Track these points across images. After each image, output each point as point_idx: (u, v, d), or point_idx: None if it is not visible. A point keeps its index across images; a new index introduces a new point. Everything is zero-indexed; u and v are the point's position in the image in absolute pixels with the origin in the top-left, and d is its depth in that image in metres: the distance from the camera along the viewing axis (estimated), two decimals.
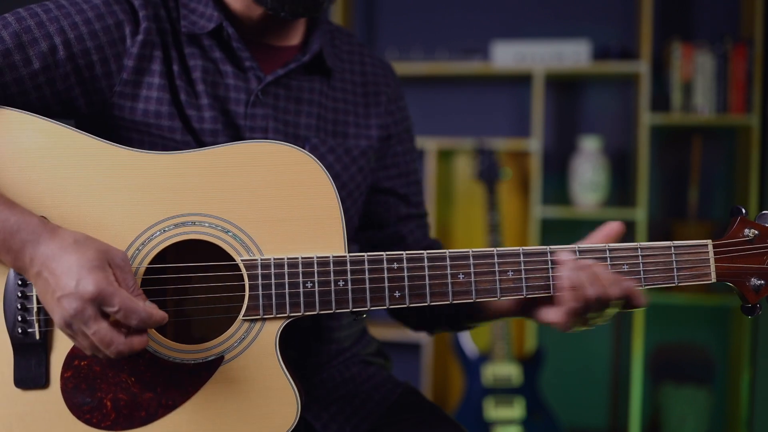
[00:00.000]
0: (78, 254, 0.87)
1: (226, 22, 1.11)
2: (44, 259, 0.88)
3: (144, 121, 1.08)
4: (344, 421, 1.17)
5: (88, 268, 0.86)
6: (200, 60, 1.11)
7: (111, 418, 0.96)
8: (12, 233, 0.89)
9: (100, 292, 0.85)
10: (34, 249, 0.88)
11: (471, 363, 2.85)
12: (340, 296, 0.98)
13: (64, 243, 0.88)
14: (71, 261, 0.86)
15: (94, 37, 1.05)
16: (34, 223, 0.90)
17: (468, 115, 3.43)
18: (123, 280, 0.89)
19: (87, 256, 0.87)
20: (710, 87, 3.00)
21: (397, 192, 1.30)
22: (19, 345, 0.95)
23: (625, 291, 0.98)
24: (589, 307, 0.98)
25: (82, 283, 0.85)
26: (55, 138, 0.97)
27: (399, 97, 1.32)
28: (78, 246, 0.88)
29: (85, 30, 1.04)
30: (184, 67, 1.11)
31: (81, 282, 0.85)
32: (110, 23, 1.06)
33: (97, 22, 1.05)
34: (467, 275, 1.00)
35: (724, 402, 3.21)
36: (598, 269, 0.98)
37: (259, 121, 1.13)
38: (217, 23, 1.10)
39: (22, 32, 1.01)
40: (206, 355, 0.97)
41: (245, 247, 0.98)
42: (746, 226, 1.03)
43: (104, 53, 1.06)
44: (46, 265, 0.88)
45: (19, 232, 0.89)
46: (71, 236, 0.89)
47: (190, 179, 0.98)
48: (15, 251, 0.89)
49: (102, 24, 1.06)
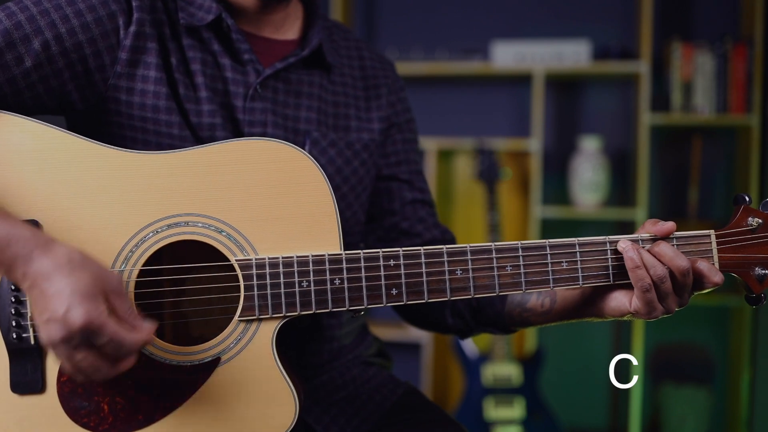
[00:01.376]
0: (71, 278, 0.83)
1: (225, 13, 1.10)
2: (36, 276, 0.83)
3: (141, 115, 1.06)
4: (345, 423, 1.17)
5: (81, 295, 0.82)
6: (199, 52, 1.10)
7: (108, 421, 0.95)
8: (2, 247, 0.85)
9: (88, 325, 0.81)
10: (26, 265, 0.84)
11: (471, 363, 2.84)
12: (337, 295, 0.98)
13: (57, 261, 0.84)
14: (63, 284, 0.82)
15: (86, 30, 1.03)
16: (26, 236, 0.86)
17: (468, 115, 3.43)
18: (117, 307, 0.85)
19: (81, 281, 0.83)
20: (710, 87, 3.00)
21: (398, 177, 1.28)
22: (14, 350, 0.94)
23: (693, 265, 0.98)
24: (660, 286, 0.97)
25: (72, 312, 0.81)
26: (45, 140, 0.96)
27: (399, 88, 1.31)
28: (72, 268, 0.84)
29: (77, 23, 1.02)
30: (183, 59, 1.09)
31: (71, 311, 0.81)
32: (102, 14, 1.04)
33: (88, 13, 1.03)
34: (465, 271, 1.00)
35: (724, 402, 3.20)
36: (660, 248, 0.98)
37: (257, 115, 1.12)
38: (215, 14, 1.09)
39: (12, 29, 0.99)
40: (203, 356, 0.97)
41: (240, 246, 0.97)
42: (750, 214, 1.02)
43: (97, 46, 1.04)
44: (37, 283, 0.83)
45: (9, 246, 0.85)
46: (66, 254, 0.85)
47: (183, 179, 0.97)
48: (7, 265, 0.85)
49: (94, 16, 1.03)
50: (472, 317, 1.23)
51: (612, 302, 1.03)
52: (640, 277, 0.97)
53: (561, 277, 1.01)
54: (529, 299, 1.15)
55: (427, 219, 1.29)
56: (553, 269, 1.00)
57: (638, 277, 0.97)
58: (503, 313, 1.18)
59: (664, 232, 1.00)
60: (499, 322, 1.20)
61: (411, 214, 1.28)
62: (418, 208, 1.29)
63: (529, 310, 1.15)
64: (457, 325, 1.24)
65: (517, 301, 1.17)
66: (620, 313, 1.02)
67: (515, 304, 1.17)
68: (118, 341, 0.83)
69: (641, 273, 0.97)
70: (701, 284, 0.99)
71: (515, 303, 1.17)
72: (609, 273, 1.01)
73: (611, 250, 1.01)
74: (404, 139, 1.30)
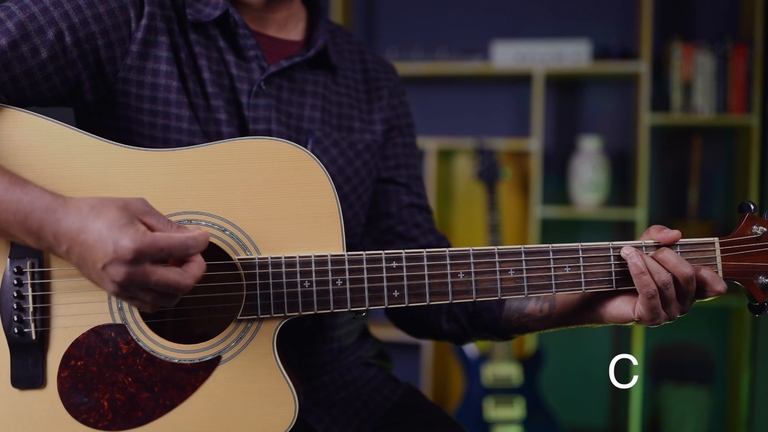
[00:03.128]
0: (101, 218, 0.83)
1: (232, 8, 1.10)
2: (70, 234, 0.84)
3: (151, 109, 1.06)
4: (346, 424, 1.16)
5: (118, 227, 0.83)
6: (205, 48, 1.10)
7: (108, 418, 0.96)
8: (27, 214, 0.86)
9: (139, 246, 0.82)
10: (55, 226, 0.85)
11: (471, 363, 2.84)
12: (338, 296, 0.98)
13: (81, 211, 0.85)
14: (98, 227, 0.83)
15: (99, 21, 1.02)
16: (47, 198, 0.86)
17: (468, 115, 3.43)
18: (154, 225, 0.86)
19: (111, 217, 0.83)
20: (710, 87, 3.00)
21: (396, 180, 1.28)
22: (15, 345, 0.94)
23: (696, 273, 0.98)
24: (664, 293, 0.97)
25: (120, 244, 0.82)
26: (48, 136, 0.96)
27: (401, 92, 1.32)
28: (97, 211, 0.84)
29: (89, 14, 1.02)
30: (191, 54, 1.09)
31: (118, 244, 0.82)
32: (114, 6, 1.04)
33: (100, 4, 1.03)
34: (467, 274, 0.99)
35: (724, 402, 3.20)
36: (664, 255, 0.98)
37: (261, 112, 1.12)
38: (223, 10, 1.10)
39: (27, 21, 0.98)
40: (204, 355, 0.97)
41: (242, 246, 0.97)
42: (755, 223, 1.02)
43: (109, 37, 1.03)
44: (74, 239, 0.84)
45: (33, 211, 0.85)
46: (86, 203, 0.86)
47: (187, 177, 0.97)
48: (35, 232, 0.86)
49: (106, 7, 1.03)
50: (468, 322, 1.22)
51: (614, 309, 1.02)
52: (645, 283, 0.97)
53: (563, 282, 1.01)
54: (527, 304, 1.15)
55: (423, 224, 1.29)
56: (555, 274, 1.00)
57: (643, 283, 0.97)
58: (501, 317, 1.18)
59: (669, 240, 1.01)
60: (496, 327, 1.20)
61: (407, 217, 1.28)
62: (414, 212, 1.29)
63: (527, 316, 1.15)
64: (453, 330, 1.24)
65: (516, 306, 1.16)
66: (623, 319, 1.02)
67: (513, 309, 1.17)
68: (174, 244, 0.85)
69: (646, 279, 0.97)
70: (704, 292, 0.99)
71: (513, 308, 1.17)
72: (612, 279, 1.01)
73: (614, 256, 1.01)
74: (404, 143, 1.30)
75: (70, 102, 1.08)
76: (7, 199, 0.86)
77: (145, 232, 0.84)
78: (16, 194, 0.87)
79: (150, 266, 0.84)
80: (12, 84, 0.97)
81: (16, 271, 0.94)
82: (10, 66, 0.97)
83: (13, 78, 0.97)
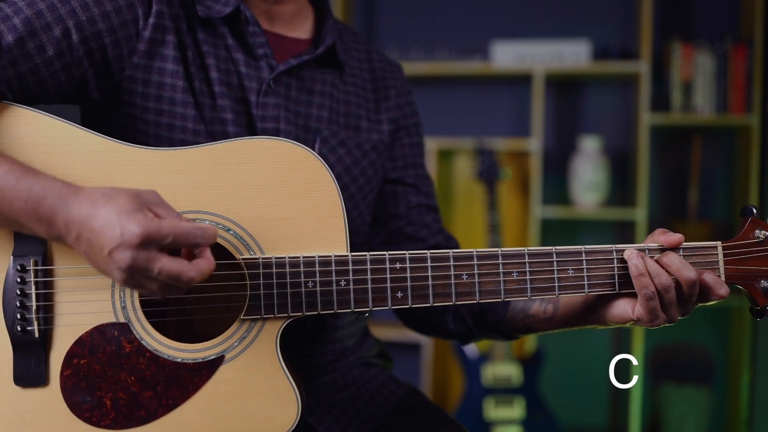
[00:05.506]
0: (111, 204, 0.84)
1: (243, 5, 1.10)
2: (80, 220, 0.85)
3: (156, 108, 1.06)
4: (347, 424, 1.16)
5: (127, 213, 0.83)
6: (213, 47, 1.10)
7: (111, 417, 0.96)
8: (39, 201, 0.86)
9: (146, 231, 0.82)
10: (66, 213, 0.85)
11: (471, 363, 2.84)
12: (342, 296, 0.98)
13: (92, 198, 0.85)
14: (107, 213, 0.83)
15: (106, 19, 1.02)
16: (59, 186, 0.87)
17: (468, 115, 3.43)
18: (163, 215, 0.87)
19: (121, 203, 0.84)
20: (710, 87, 3.00)
21: (404, 181, 1.28)
22: (18, 343, 0.94)
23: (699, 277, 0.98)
24: (664, 296, 0.98)
25: (127, 229, 0.82)
26: (53, 134, 0.96)
27: (408, 92, 1.32)
28: (108, 197, 0.85)
29: (97, 11, 1.01)
30: (198, 53, 1.09)
31: (125, 229, 0.82)
32: (122, 4, 1.04)
33: (108, 2, 1.03)
34: (471, 276, 1.00)
35: (724, 402, 3.21)
36: (668, 258, 0.99)
37: (270, 111, 1.11)
38: (234, 6, 1.09)
39: (34, 18, 0.97)
40: (207, 354, 0.97)
41: (246, 245, 0.97)
42: (757, 227, 1.02)
43: (116, 36, 1.03)
44: (84, 225, 0.84)
45: (45, 199, 0.86)
46: (97, 190, 0.86)
47: (191, 176, 0.97)
48: (47, 219, 0.86)
49: (113, 5, 1.03)
50: (474, 322, 1.23)
51: (615, 309, 1.03)
52: (643, 284, 0.98)
53: (567, 285, 1.01)
54: (532, 305, 1.15)
55: (432, 225, 1.29)
56: (559, 276, 1.01)
57: (642, 284, 0.98)
58: (506, 318, 1.19)
59: (673, 243, 1.01)
60: (501, 327, 1.20)
61: (416, 218, 1.28)
62: (423, 213, 1.29)
63: (531, 317, 1.15)
64: (458, 330, 1.25)
65: (520, 307, 1.17)
66: (623, 319, 1.02)
67: (518, 309, 1.17)
68: (182, 231, 0.85)
69: (645, 281, 0.98)
70: (707, 296, 1.00)
71: (518, 309, 1.17)
72: (615, 281, 1.01)
73: (618, 258, 1.01)
74: (412, 143, 1.30)
75: (76, 99, 1.08)
76: (18, 188, 0.86)
77: (153, 219, 0.84)
78: (28, 182, 0.87)
79: (156, 253, 0.84)
80: (17, 81, 0.97)
81: (19, 269, 0.93)
82: (16, 63, 0.96)
83: (18, 75, 0.97)
